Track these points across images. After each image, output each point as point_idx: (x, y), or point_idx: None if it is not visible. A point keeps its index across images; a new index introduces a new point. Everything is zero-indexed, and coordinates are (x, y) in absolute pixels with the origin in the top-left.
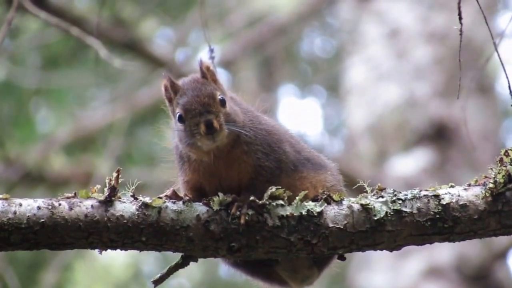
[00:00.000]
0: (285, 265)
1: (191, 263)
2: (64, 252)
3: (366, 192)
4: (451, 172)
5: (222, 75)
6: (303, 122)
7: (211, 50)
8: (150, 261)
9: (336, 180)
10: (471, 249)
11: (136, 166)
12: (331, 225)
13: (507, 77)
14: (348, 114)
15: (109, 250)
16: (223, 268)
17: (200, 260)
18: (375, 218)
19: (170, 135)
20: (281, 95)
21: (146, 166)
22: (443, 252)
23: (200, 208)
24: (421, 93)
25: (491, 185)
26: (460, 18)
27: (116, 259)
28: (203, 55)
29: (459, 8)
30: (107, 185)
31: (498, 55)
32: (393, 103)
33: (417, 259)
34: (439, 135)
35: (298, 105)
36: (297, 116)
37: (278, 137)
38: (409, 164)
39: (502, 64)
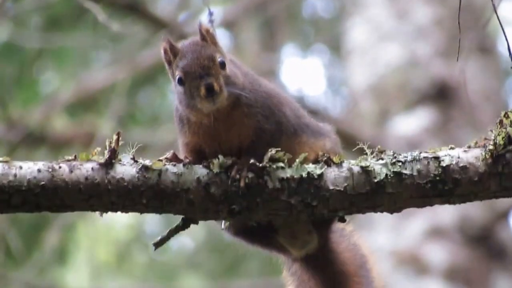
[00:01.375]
0: (284, 231)
1: (193, 225)
2: (66, 214)
3: (366, 154)
4: (453, 132)
5: (224, 37)
6: (305, 82)
7: (210, 14)
8: (152, 222)
9: (335, 144)
10: (473, 210)
11: (138, 127)
12: (331, 187)
13: (506, 39)
14: (350, 74)
15: (110, 213)
16: None
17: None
18: (375, 181)
19: (172, 97)
20: (283, 56)
21: (148, 127)
22: (446, 213)
23: (200, 170)
24: (422, 53)
25: (491, 147)
26: None
27: (118, 221)
28: (203, 18)
29: None
30: (108, 147)
31: (497, 16)
32: (394, 63)
33: (419, 219)
34: (441, 95)
35: (300, 65)
36: (300, 76)
37: (278, 99)
38: (410, 123)
39: (501, 25)
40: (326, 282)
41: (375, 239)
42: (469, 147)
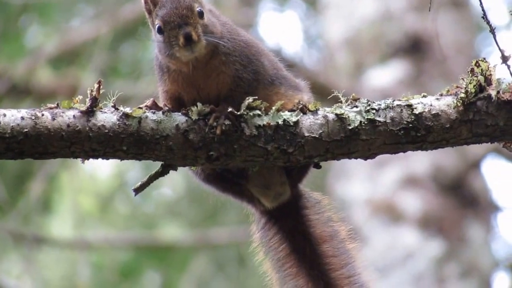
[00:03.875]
0: (257, 181)
1: (172, 172)
2: (50, 163)
3: (341, 102)
4: (426, 84)
5: None
6: (282, 36)
7: None
8: (135, 173)
9: (311, 99)
10: (446, 159)
11: (121, 79)
12: (306, 134)
13: None
14: (326, 28)
15: (92, 160)
16: None
17: (184, 171)
18: (350, 127)
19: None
20: (261, 9)
21: (131, 79)
22: (420, 162)
23: (179, 118)
24: (396, 7)
25: (462, 95)
26: None
27: (102, 171)
28: None
29: None
30: (89, 96)
31: None
32: (369, 17)
33: (394, 168)
34: (414, 48)
35: (277, 19)
36: (277, 29)
37: (257, 49)
38: (385, 76)
39: None
40: (292, 240)
41: (351, 188)
42: (441, 95)
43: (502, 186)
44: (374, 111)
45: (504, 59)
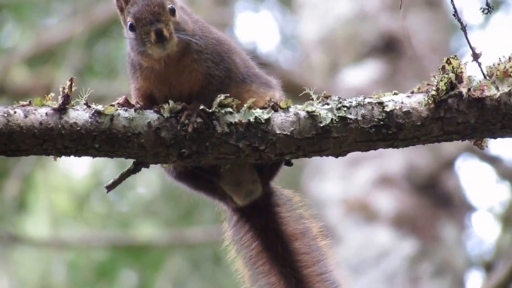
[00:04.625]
0: (228, 178)
1: (146, 171)
2: (25, 162)
3: (312, 99)
4: (401, 83)
5: None
6: (258, 35)
7: None
8: (111, 172)
9: (283, 96)
10: (420, 158)
11: (96, 78)
12: (278, 131)
13: None
14: (301, 27)
15: (65, 158)
16: None
17: (159, 170)
18: (321, 125)
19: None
20: (236, 9)
21: (106, 78)
22: (394, 162)
23: (151, 115)
24: (370, 7)
25: (433, 92)
26: None
27: (77, 169)
28: None
29: None
30: (61, 93)
31: None
32: (344, 16)
33: (368, 168)
34: (389, 47)
35: (253, 19)
36: (252, 29)
37: (228, 47)
38: (360, 75)
39: None
40: (264, 237)
41: (325, 187)
42: (412, 92)
43: (476, 186)
44: (345, 109)
45: (475, 56)
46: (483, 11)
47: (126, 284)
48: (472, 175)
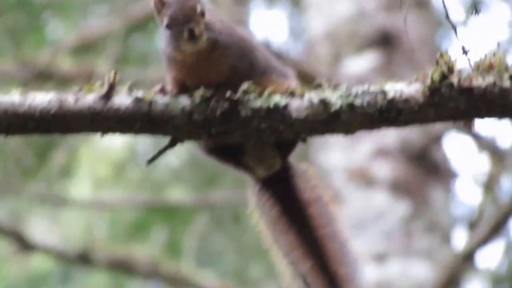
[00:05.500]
0: (252, 154)
1: (179, 145)
2: (72, 136)
3: (324, 88)
4: (395, 71)
5: None
6: (271, 31)
7: None
8: (144, 144)
9: (298, 85)
10: (413, 134)
11: (131, 66)
12: (294, 115)
13: None
14: (308, 24)
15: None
16: None
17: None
18: (332, 110)
19: (160, 40)
20: (252, 8)
21: (140, 67)
22: (390, 137)
23: (184, 101)
24: (369, 7)
25: (429, 82)
26: None
27: (115, 143)
28: None
29: None
30: (107, 82)
31: None
32: (345, 15)
33: (368, 142)
34: (385, 41)
35: (266, 16)
36: (266, 25)
37: (250, 44)
38: (360, 64)
39: None
40: (283, 204)
41: (331, 158)
42: (410, 82)
43: (460, 156)
44: (352, 96)
45: (465, 52)
46: (472, 13)
47: (157, 240)
48: (457, 148)
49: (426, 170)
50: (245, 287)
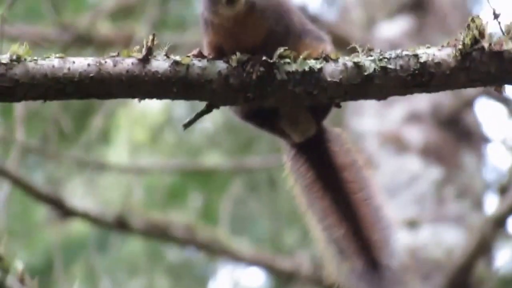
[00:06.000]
0: (287, 119)
1: (214, 110)
2: (109, 101)
3: (358, 52)
4: (427, 35)
5: None
6: None
7: None
8: (180, 108)
9: (333, 49)
10: (444, 99)
11: (169, 31)
12: (329, 79)
13: None
14: None
15: (147, 100)
16: None
17: (223, 108)
18: (365, 74)
19: (198, 5)
20: None
21: (178, 31)
22: (421, 102)
23: (221, 65)
24: None
25: (460, 47)
26: None
27: (152, 107)
28: None
29: None
30: (145, 46)
31: None
32: None
33: (399, 107)
34: (417, 6)
35: None
36: None
37: (287, 7)
38: (393, 28)
39: None
40: (318, 168)
41: (364, 123)
42: (442, 46)
43: (491, 122)
44: (386, 60)
45: (496, 16)
46: None
47: (194, 204)
48: (488, 113)
49: (457, 135)
50: (279, 253)
